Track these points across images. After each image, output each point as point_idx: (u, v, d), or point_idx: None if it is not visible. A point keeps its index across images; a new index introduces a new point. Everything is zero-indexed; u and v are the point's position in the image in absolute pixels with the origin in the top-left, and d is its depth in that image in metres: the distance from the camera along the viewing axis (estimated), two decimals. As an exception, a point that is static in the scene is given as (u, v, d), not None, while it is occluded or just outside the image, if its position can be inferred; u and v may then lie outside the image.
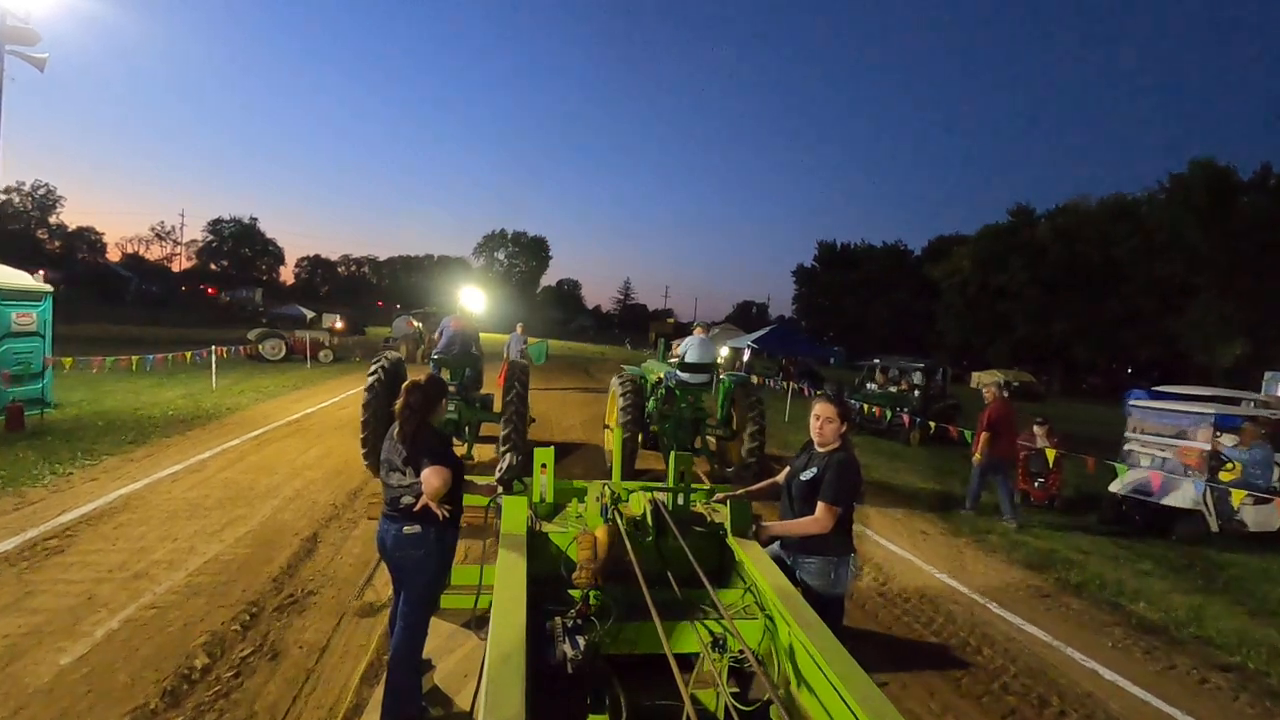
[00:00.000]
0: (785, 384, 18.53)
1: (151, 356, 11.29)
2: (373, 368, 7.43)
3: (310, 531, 5.67)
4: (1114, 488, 8.44)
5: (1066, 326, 42.83)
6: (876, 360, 16.92)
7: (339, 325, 29.91)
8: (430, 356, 8.33)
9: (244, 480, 7.01)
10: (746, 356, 24.63)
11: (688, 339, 8.59)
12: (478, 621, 3.13)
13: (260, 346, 19.33)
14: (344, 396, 13.45)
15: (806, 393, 16.44)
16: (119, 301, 51.69)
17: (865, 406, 13.77)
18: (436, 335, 8.47)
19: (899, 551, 6.62)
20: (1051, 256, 43.34)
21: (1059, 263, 42.89)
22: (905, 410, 13.38)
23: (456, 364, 8.03)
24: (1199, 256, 34.36)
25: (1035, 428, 9.76)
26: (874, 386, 16.06)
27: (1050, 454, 8.66)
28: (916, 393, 14.97)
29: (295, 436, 9.46)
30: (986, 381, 9.92)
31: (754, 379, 21.19)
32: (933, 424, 11.04)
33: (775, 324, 44.41)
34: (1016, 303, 45.05)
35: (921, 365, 15.63)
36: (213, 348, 13.47)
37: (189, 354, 12.61)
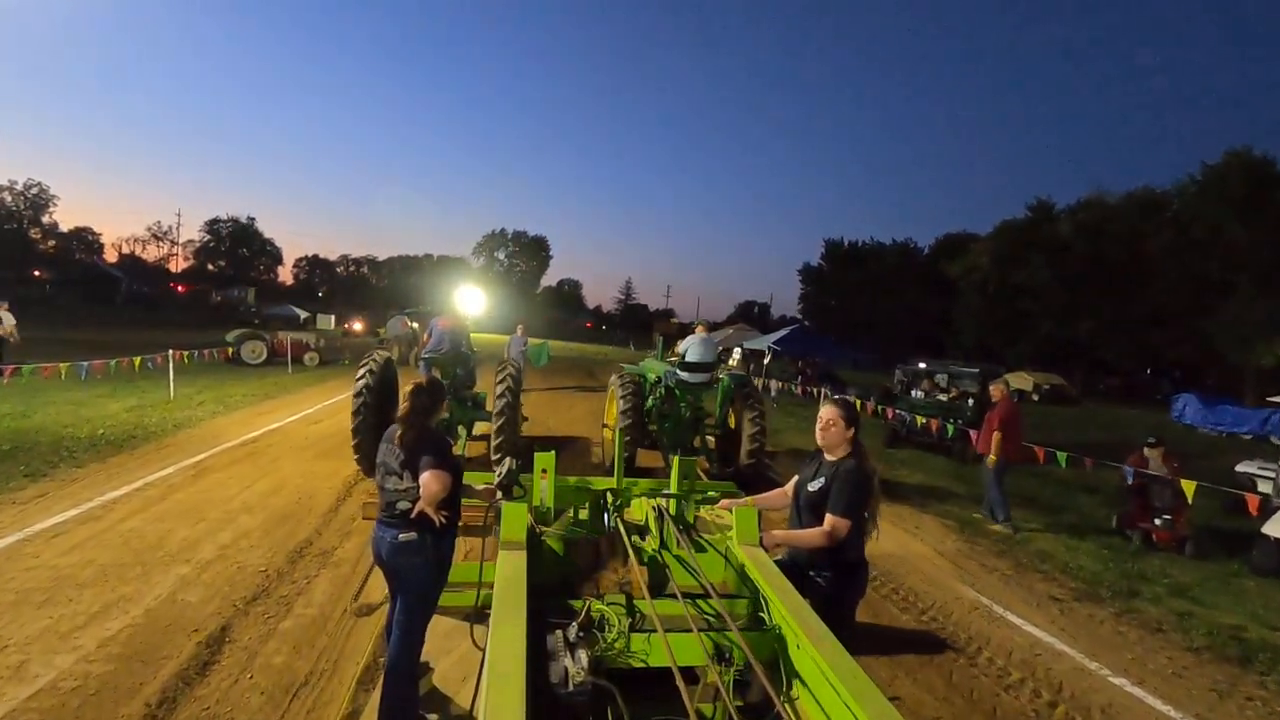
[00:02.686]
0: (814, 391, 16.77)
1: (85, 364, 9.51)
2: (362, 370, 7.18)
3: (217, 625, 3.92)
4: (1274, 531, 6.68)
5: (1092, 326, 40.93)
6: (921, 365, 15.07)
7: (358, 326, 29.12)
8: (420, 357, 8.02)
9: (152, 534, 5.25)
10: (767, 360, 22.79)
11: (688, 338, 8.36)
12: (476, 617, 2.96)
13: (238, 349, 17.66)
14: (319, 408, 11.70)
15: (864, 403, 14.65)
16: (110, 303, 50.07)
17: (919, 419, 12.02)
18: (426, 336, 8.14)
19: (1038, 633, 4.86)
20: (1075, 252, 41.41)
21: (1083, 259, 40.97)
22: (960, 421, 11.67)
23: (448, 362, 7.78)
24: (1237, 251, 32.50)
25: (1147, 450, 7.96)
26: (919, 394, 14.28)
27: (1189, 487, 6.84)
28: (970, 401, 13.24)
29: (245, 462, 7.72)
30: (999, 379, 8.57)
31: (773, 383, 19.67)
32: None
33: (794, 324, 42.63)
34: (1038, 301, 43.11)
35: (975, 371, 13.86)
36: (169, 352, 11.71)
37: (138, 360, 10.82)
